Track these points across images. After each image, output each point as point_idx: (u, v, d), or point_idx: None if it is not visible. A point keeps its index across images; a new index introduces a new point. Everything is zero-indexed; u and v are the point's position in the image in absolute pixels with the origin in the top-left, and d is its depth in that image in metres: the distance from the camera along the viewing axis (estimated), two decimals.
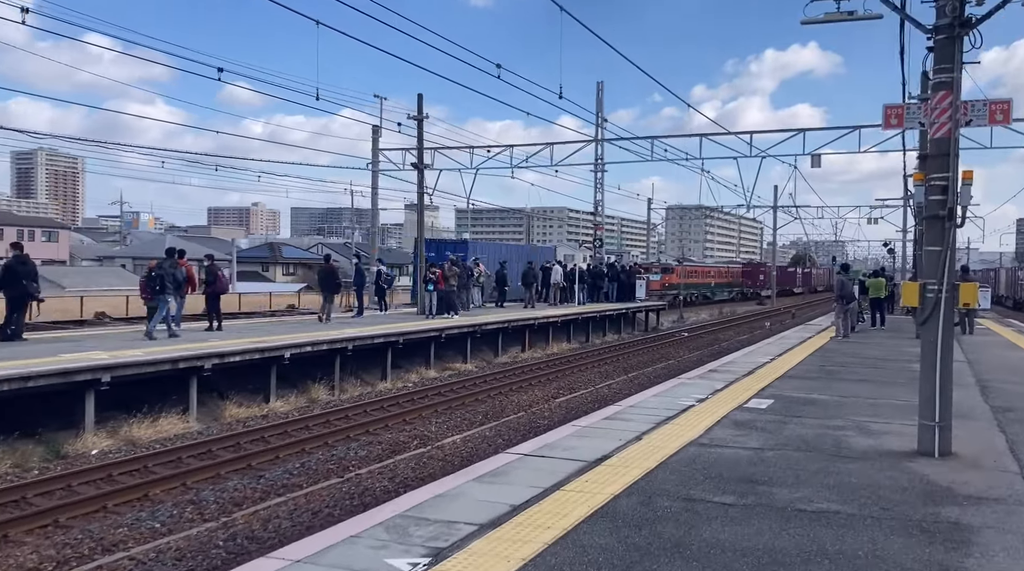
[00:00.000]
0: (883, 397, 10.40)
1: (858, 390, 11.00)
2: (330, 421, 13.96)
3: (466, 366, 21.66)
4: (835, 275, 19.67)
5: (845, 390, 10.98)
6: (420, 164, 24.64)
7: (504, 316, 24.80)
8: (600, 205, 39.17)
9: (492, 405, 16.32)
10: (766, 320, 45.34)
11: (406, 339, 18.89)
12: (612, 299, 37.06)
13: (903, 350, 16.98)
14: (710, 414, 8.86)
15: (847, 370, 13.37)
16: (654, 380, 20.53)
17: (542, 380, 20.12)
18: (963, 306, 12.26)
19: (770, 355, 15.70)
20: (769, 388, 11.01)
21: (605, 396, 17.99)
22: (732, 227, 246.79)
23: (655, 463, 6.44)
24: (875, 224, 71.25)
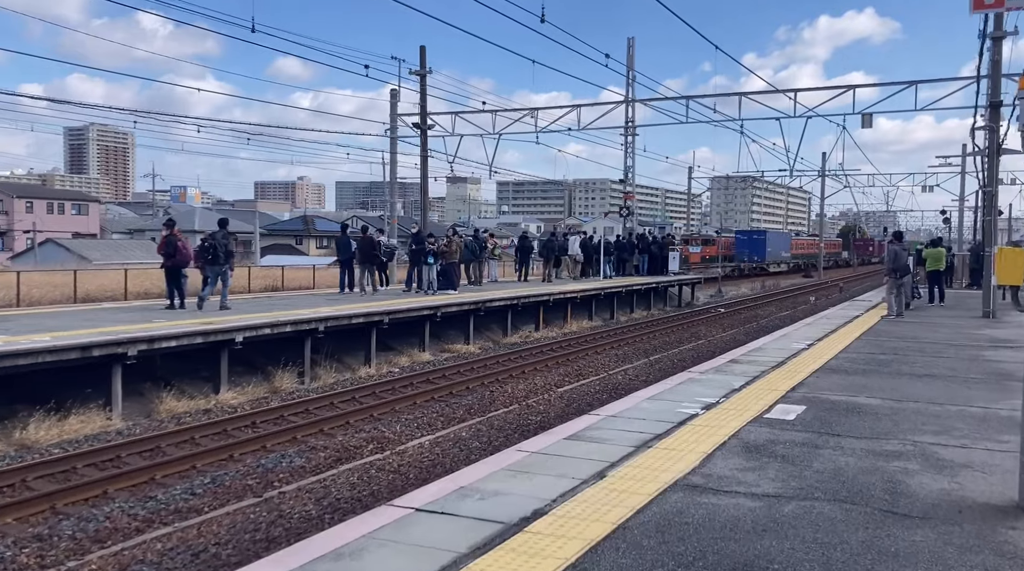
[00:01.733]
0: (953, 401, 7.93)
1: (918, 390, 8.54)
2: (284, 417, 11.94)
3: (468, 348, 19.51)
4: (887, 245, 16.97)
5: (901, 390, 8.52)
6: (423, 124, 22.40)
7: (516, 292, 22.56)
8: (631, 171, 36.50)
9: (481, 396, 14.14)
10: (811, 294, 42.37)
11: (393, 319, 16.77)
12: (643, 272, 34.58)
13: (970, 333, 14.33)
14: (716, 430, 6.53)
15: (902, 360, 10.86)
16: (677, 365, 18.16)
17: (550, 364, 17.88)
18: None
19: (809, 339, 13.22)
20: (801, 387, 8.61)
21: (618, 384, 15.72)
22: (779, 197, 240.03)
23: (604, 532, 4.17)
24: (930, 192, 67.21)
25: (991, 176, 17.08)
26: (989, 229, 17.15)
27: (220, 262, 15.96)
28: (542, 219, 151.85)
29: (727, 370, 9.81)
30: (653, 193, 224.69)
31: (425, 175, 22.85)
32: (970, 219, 61.71)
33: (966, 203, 52.43)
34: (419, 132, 22.65)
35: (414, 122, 22.54)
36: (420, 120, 22.48)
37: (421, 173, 22.89)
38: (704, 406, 7.53)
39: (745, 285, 51.03)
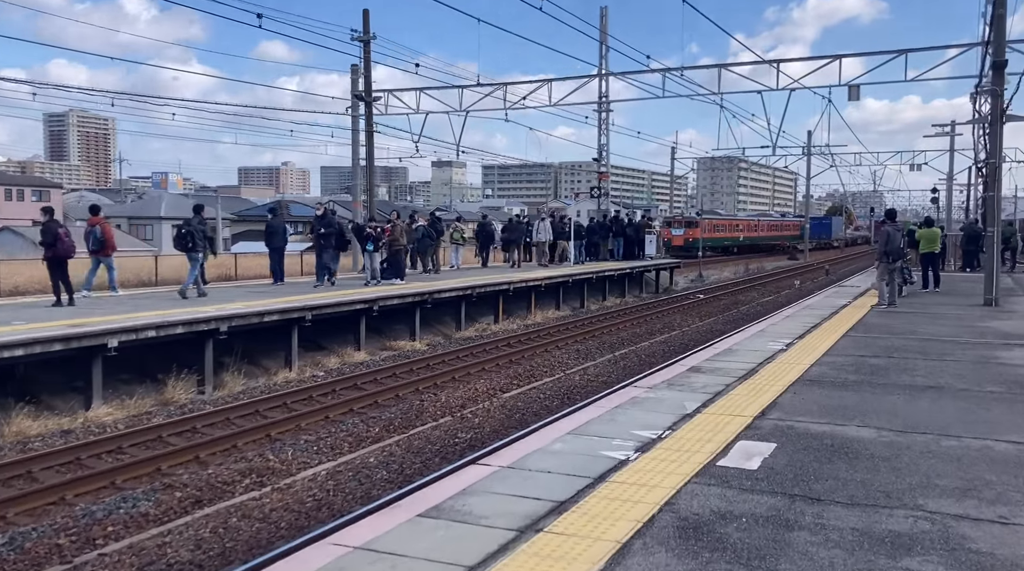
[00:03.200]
0: (972, 430, 6.01)
1: (924, 413, 6.61)
2: (162, 438, 9.92)
3: (414, 344, 17.50)
4: (879, 226, 15.05)
5: (901, 413, 6.59)
6: (367, 96, 20.27)
7: (471, 281, 20.55)
8: (605, 149, 34.44)
9: (410, 407, 12.14)
10: (796, 277, 40.55)
11: (319, 315, 14.73)
12: (618, 257, 32.63)
13: (974, 326, 12.44)
14: (645, 492, 4.57)
15: (899, 365, 8.94)
16: (645, 362, 16.26)
17: (502, 362, 15.91)
18: None
19: (788, 336, 11.29)
20: (774, 410, 6.66)
21: (573, 387, 13.79)
22: (766, 179, 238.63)
23: None
24: (918, 171, 65.65)
25: (994, 145, 15.16)
26: (992, 205, 15.26)
27: (198, 249, 15.82)
28: (526, 202, 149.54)
29: (683, 383, 7.84)
30: (639, 175, 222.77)
31: (371, 152, 20.74)
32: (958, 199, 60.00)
33: (956, 182, 50.77)
34: (363, 105, 20.48)
35: (355, 94, 20.37)
36: (364, 91, 20.32)
37: (367, 150, 20.76)
38: (639, 446, 5.56)
39: (728, 268, 49.26)
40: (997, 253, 15.41)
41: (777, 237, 77.67)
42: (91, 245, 16.04)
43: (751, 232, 71.60)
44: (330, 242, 16.70)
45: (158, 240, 65.24)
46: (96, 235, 15.93)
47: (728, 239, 65.84)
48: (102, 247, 16.02)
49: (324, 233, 17.40)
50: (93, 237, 15.97)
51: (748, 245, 68.86)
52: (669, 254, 55.92)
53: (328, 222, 17.30)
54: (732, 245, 65.84)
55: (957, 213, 54.84)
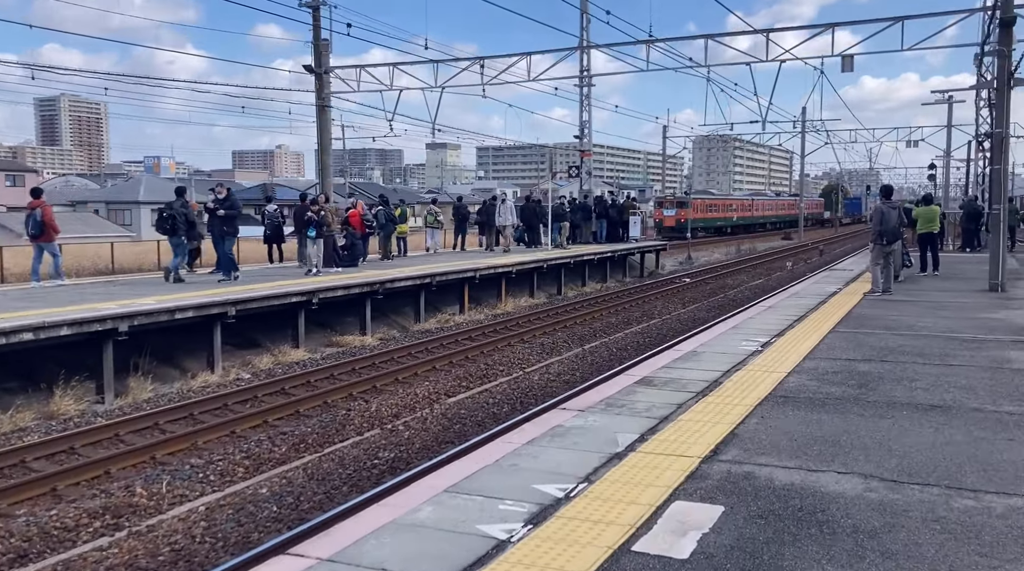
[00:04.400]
0: (995, 479, 4.48)
1: (928, 449, 5.08)
2: (25, 463, 8.39)
3: (364, 339, 15.94)
4: (875, 205, 13.48)
5: (897, 450, 5.06)
6: (318, 68, 18.57)
7: (431, 268, 18.96)
8: (587, 126, 32.72)
9: (334, 417, 10.60)
10: (789, 258, 39.02)
11: (245, 310, 13.14)
12: (601, 239, 31.05)
13: (981, 318, 10.89)
14: None
15: (895, 373, 7.40)
16: (615, 357, 14.74)
17: (456, 359, 14.37)
18: None
19: (766, 333, 9.74)
20: (730, 446, 5.13)
21: (531, 388, 12.29)
22: (761, 157, 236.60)
23: None
24: (915, 147, 64.03)
25: (1001, 113, 13.56)
26: (999, 180, 13.67)
27: (179, 233, 15.29)
28: (519, 184, 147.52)
29: (625, 403, 6.29)
30: (634, 155, 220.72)
31: (326, 128, 19.08)
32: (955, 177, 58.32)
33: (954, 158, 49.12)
34: (315, 77, 18.79)
35: (305, 64, 18.67)
36: (314, 62, 18.62)
37: (318, 125, 19.08)
38: (534, 514, 4.01)
39: (720, 249, 47.70)
40: (1004, 232, 13.86)
41: (772, 217, 76.10)
42: (30, 229, 14.96)
43: (745, 212, 69.97)
44: (233, 227, 14.86)
45: (137, 225, 63.56)
46: (36, 218, 14.85)
47: (721, 220, 64.21)
48: (42, 231, 14.97)
49: (225, 216, 15.37)
50: (33, 221, 14.94)
51: (743, 225, 67.26)
52: (661, 235, 54.47)
53: (231, 204, 15.33)
54: (725, 226, 64.24)
55: (955, 191, 53.23)
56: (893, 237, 13.38)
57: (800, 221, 66.18)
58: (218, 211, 15.21)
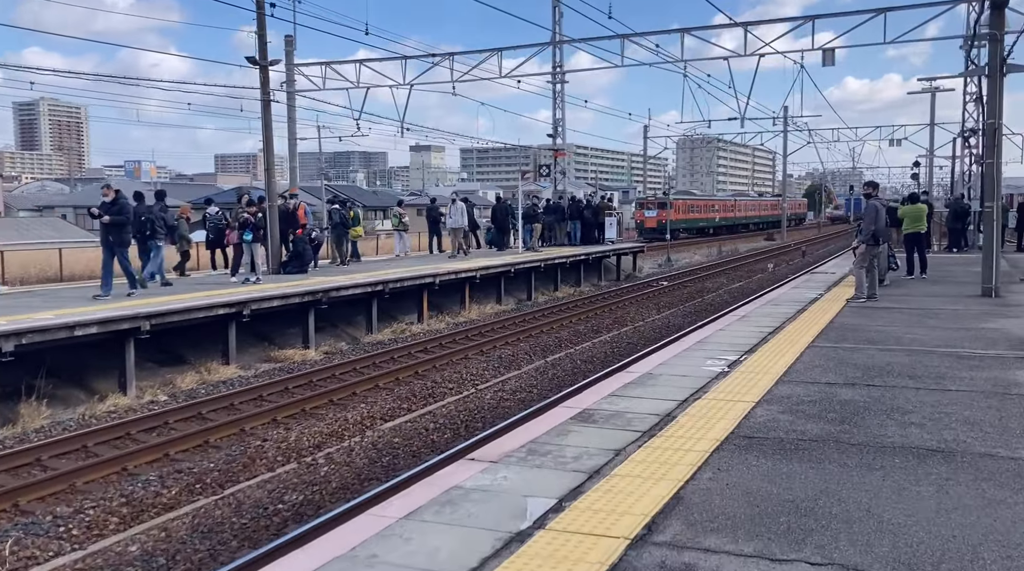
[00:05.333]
0: None
1: (930, 521, 3.90)
2: None
3: (306, 353, 14.64)
4: (864, 202, 12.36)
5: (891, 527, 3.89)
6: (262, 60, 17.28)
7: (385, 274, 17.68)
8: (560, 124, 31.51)
9: (244, 448, 9.30)
10: (770, 260, 38.01)
11: (162, 324, 11.81)
12: (575, 241, 29.86)
13: (977, 327, 9.73)
14: None
15: (883, 402, 6.21)
16: (579, 371, 13.53)
17: (404, 376, 13.10)
18: None
19: (736, 349, 8.53)
20: (673, 514, 3.92)
21: (481, 408, 11.04)
22: (745, 158, 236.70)
23: None
24: (898, 146, 63.36)
25: (993, 102, 12.44)
26: (991, 175, 12.55)
27: (158, 237, 15.45)
28: (502, 186, 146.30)
29: (551, 450, 5.05)
30: (618, 156, 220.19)
31: (267, 123, 17.74)
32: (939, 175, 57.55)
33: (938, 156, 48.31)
34: (258, 70, 17.48)
35: (248, 56, 17.33)
36: (257, 54, 17.29)
37: (262, 121, 17.75)
38: None
39: (701, 250, 46.65)
40: (998, 232, 12.74)
41: (755, 218, 75.23)
42: None
43: (728, 213, 69.06)
44: (121, 235, 13.16)
45: None
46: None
47: (703, 220, 63.24)
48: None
49: (111, 224, 13.12)
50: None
51: (725, 226, 66.33)
52: (642, 237, 53.37)
53: (120, 208, 13.08)
54: (708, 226, 63.27)
55: (938, 191, 52.43)
56: (884, 236, 12.25)
57: (783, 221, 65.38)
58: (102, 218, 13.06)
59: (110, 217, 12.96)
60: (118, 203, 12.97)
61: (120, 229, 13.04)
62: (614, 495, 4.20)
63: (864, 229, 12.04)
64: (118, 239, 13.09)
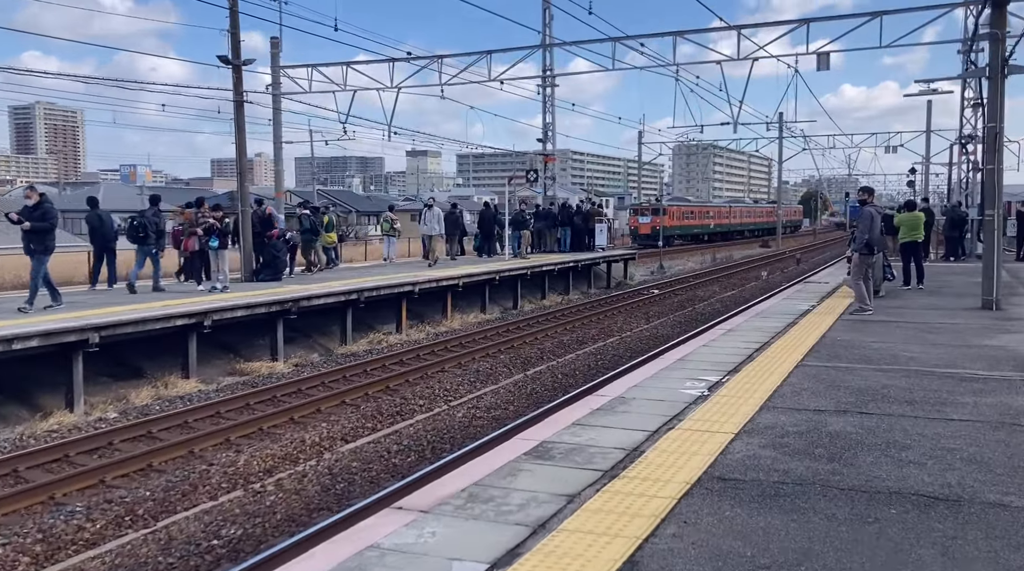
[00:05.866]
0: None
1: None
2: None
3: (274, 366, 13.95)
4: (859, 209, 11.74)
5: None
6: (235, 59, 16.63)
7: (360, 282, 17.01)
8: (550, 128, 30.90)
9: (188, 473, 8.61)
10: (764, 268, 37.42)
11: (113, 337, 11.11)
12: (565, 248, 29.22)
13: (979, 344, 9.07)
14: None
15: (877, 434, 5.57)
16: (559, 385, 12.87)
17: (373, 391, 12.42)
18: None
19: (719, 368, 7.87)
20: None
21: (451, 427, 10.36)
22: (741, 165, 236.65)
23: None
24: (893, 153, 62.88)
25: (994, 105, 11.81)
26: (992, 181, 11.92)
27: (150, 242, 15.07)
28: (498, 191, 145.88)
29: (495, 495, 4.37)
30: (615, 163, 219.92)
31: (240, 126, 17.08)
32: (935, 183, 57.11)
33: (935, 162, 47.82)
34: (232, 69, 16.82)
35: (221, 55, 16.67)
36: (230, 53, 16.63)
37: (235, 123, 17.08)
38: None
39: (695, 257, 46.08)
40: (999, 242, 12.11)
41: (751, 224, 74.68)
42: None
43: (723, 219, 68.55)
44: (44, 243, 12.20)
45: None
46: None
47: (698, 227, 62.75)
48: None
49: (33, 230, 11.94)
50: None
51: (720, 233, 65.79)
52: (636, 243, 52.75)
53: (44, 213, 11.98)
54: (703, 233, 62.76)
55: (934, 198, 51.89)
56: (879, 245, 11.62)
57: (778, 229, 64.83)
58: (22, 224, 11.89)
59: (31, 223, 11.86)
60: (41, 207, 12.06)
61: (43, 236, 12.04)
62: (557, 558, 3.52)
63: (858, 237, 11.40)
64: (40, 246, 12.02)
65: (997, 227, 12.02)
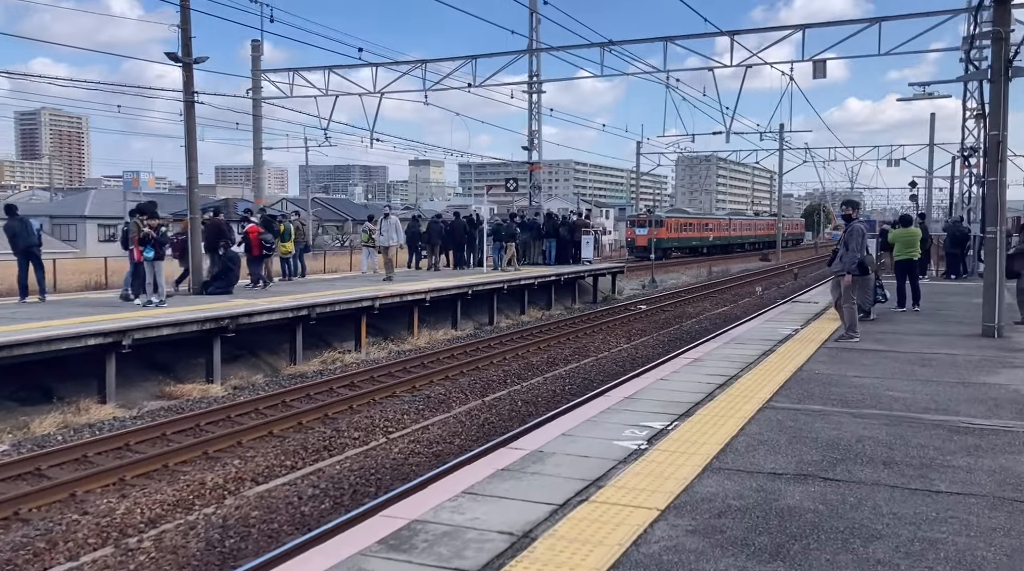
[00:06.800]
0: None
1: None
2: None
3: (209, 389, 12.79)
4: (845, 225, 10.58)
5: None
6: (186, 56, 15.57)
7: (316, 296, 15.87)
8: (536, 136, 29.80)
9: (49, 526, 7.44)
10: (760, 283, 36.22)
11: (10, 358, 9.97)
12: (550, 261, 28.07)
13: (977, 382, 7.88)
14: None
15: (843, 515, 4.43)
16: (518, 414, 11.71)
17: (308, 419, 11.25)
18: None
19: (668, 410, 6.69)
20: None
21: (379, 467, 9.23)
22: (745, 177, 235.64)
23: None
24: (896, 166, 61.72)
25: (997, 111, 10.66)
26: (994, 195, 10.76)
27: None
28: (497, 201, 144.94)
29: None
30: (618, 174, 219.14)
31: (191, 129, 15.98)
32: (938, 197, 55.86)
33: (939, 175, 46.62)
34: (181, 67, 15.74)
35: (169, 52, 15.58)
36: (180, 50, 15.55)
37: (185, 125, 15.97)
38: None
39: (691, 270, 44.87)
40: (1002, 262, 10.93)
41: (751, 237, 73.46)
42: None
43: (723, 231, 67.39)
44: None
45: (82, 240, 60.18)
46: None
47: (697, 239, 61.61)
48: None
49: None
50: None
51: (720, 245, 64.62)
52: (633, 255, 51.56)
53: None
54: (701, 246, 61.62)
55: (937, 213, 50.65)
56: (871, 264, 10.45)
57: (778, 242, 63.64)
58: None
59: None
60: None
61: None
62: None
63: (849, 257, 10.21)
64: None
65: (1000, 246, 10.84)
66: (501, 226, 25.29)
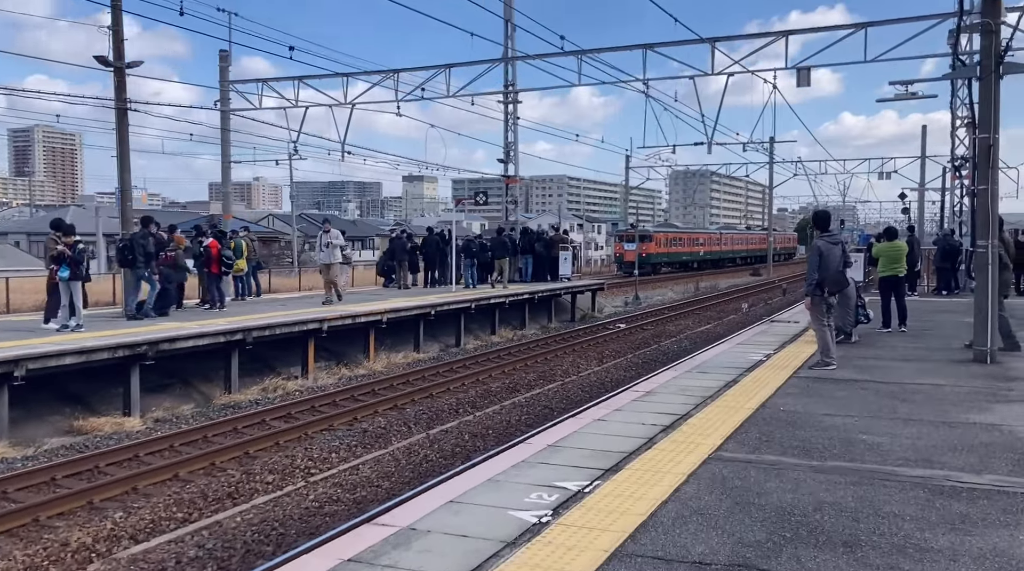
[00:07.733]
0: None
1: None
2: None
3: (125, 423, 11.59)
4: (812, 241, 9.42)
5: None
6: (118, 60, 14.50)
7: (255, 318, 14.69)
8: (512, 148, 28.75)
9: None
10: (746, 299, 35.09)
11: None
12: (527, 278, 26.95)
13: (964, 420, 6.72)
14: None
15: None
16: (460, 451, 10.54)
17: (221, 459, 10.07)
18: None
19: (596, 463, 5.54)
20: None
21: (288, 518, 8.00)
22: (738, 191, 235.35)
23: None
24: (887, 179, 60.80)
25: (987, 111, 9.58)
26: (985, 205, 9.66)
27: (139, 265, 14.38)
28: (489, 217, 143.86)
29: None
30: (612, 189, 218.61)
31: (123, 137, 14.87)
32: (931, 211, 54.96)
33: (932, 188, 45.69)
34: (114, 72, 14.65)
35: (98, 55, 14.48)
36: (112, 53, 14.45)
37: (117, 134, 14.86)
38: None
39: (678, 286, 43.72)
40: (994, 279, 9.81)
41: (743, 252, 72.45)
42: None
43: (713, 246, 66.35)
44: None
45: None
46: None
47: (687, 254, 60.54)
48: None
49: None
50: None
51: (710, 260, 63.57)
52: (622, 271, 50.47)
53: None
54: (692, 260, 60.54)
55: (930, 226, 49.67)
56: (836, 285, 9.30)
57: (769, 256, 62.67)
58: None
59: None
60: None
61: None
62: None
63: (808, 277, 9.10)
64: None
65: (992, 261, 9.72)
66: (472, 242, 24.18)
